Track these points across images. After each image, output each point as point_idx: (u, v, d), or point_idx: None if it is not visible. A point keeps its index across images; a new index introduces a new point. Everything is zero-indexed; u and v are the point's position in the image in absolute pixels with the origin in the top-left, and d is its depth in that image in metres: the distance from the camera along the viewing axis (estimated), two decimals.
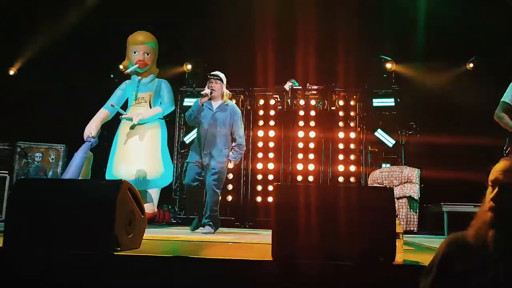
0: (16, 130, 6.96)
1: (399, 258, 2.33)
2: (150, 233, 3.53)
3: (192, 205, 5.24)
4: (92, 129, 5.70)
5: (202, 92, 5.07)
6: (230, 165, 5.36)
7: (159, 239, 3.51)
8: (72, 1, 7.37)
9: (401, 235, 2.39)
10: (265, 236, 4.48)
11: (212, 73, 5.22)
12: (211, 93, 5.04)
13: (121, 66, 6.53)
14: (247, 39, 7.37)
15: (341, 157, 7.20)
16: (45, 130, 7.00)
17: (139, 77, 6.03)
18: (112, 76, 7.48)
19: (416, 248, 3.43)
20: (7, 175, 6.52)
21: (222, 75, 5.23)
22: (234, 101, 7.50)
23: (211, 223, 4.82)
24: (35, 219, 2.21)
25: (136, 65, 5.99)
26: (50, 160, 6.84)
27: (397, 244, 2.29)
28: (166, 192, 6.51)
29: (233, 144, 5.13)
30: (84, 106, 6.37)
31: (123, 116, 5.76)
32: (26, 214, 2.22)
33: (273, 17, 7.10)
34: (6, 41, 7.23)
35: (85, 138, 5.67)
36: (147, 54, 6.08)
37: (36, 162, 6.77)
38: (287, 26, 7.22)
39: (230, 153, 5.07)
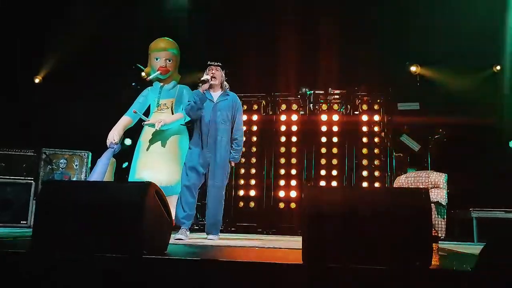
0: (41, 137, 7.07)
1: (435, 262, 2.24)
2: (172, 238, 3.50)
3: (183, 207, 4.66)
4: (115, 135, 5.73)
5: (202, 78, 4.73)
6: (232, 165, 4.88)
7: (183, 243, 3.47)
8: (96, 9, 7.48)
9: (436, 239, 2.30)
10: (291, 242, 4.41)
11: (213, 61, 4.93)
12: (211, 80, 4.74)
13: (143, 73, 6.57)
14: (268, 44, 7.36)
15: (365, 162, 7.07)
16: (69, 137, 7.09)
17: (161, 84, 6.05)
18: (134, 83, 7.54)
19: (449, 254, 3.32)
20: (32, 181, 6.61)
21: (222, 64, 4.96)
22: (256, 106, 7.49)
23: (217, 231, 4.63)
24: (63, 220, 2.19)
25: (158, 72, 6.01)
26: (74, 167, 6.91)
27: (433, 248, 2.19)
28: None
29: (233, 140, 4.75)
30: (107, 113, 6.42)
31: (145, 123, 5.78)
32: (54, 216, 2.21)
33: (295, 20, 7.07)
34: (32, 50, 7.38)
35: (108, 145, 5.70)
36: (169, 61, 6.09)
37: (60, 169, 6.85)
38: (309, 30, 7.19)
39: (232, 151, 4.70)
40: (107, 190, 2.30)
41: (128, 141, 6.04)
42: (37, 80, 7.98)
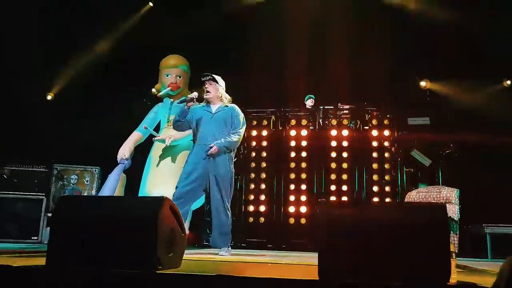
0: (53, 153, 7.12)
1: (453, 279, 2.20)
2: (186, 254, 3.48)
3: None
4: (125, 151, 5.78)
5: (188, 96, 4.83)
6: (212, 150, 4.58)
7: (197, 259, 3.45)
8: (107, 28, 7.60)
9: (454, 255, 2.26)
10: (302, 258, 4.37)
11: (204, 73, 4.86)
12: (194, 101, 4.76)
13: (153, 89, 6.63)
14: (278, 59, 7.40)
15: (375, 177, 7.03)
16: (80, 152, 7.13)
17: (171, 100, 6.11)
18: (144, 99, 7.60)
19: (465, 270, 3.26)
20: (44, 197, 6.64)
21: (217, 77, 4.89)
22: (265, 122, 7.50)
23: (225, 244, 4.54)
24: (78, 235, 2.19)
25: (169, 88, 6.08)
26: (85, 182, 6.94)
27: (451, 264, 2.16)
28: (197, 214, 6.48)
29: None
30: (117, 129, 6.47)
31: (155, 138, 5.82)
32: (69, 231, 2.21)
33: (304, 35, 7.12)
34: (45, 67, 7.48)
35: (118, 160, 5.73)
36: (179, 77, 6.18)
37: (71, 184, 6.89)
38: (318, 45, 7.22)
39: (222, 140, 4.61)
40: (121, 204, 2.30)
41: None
42: (49, 97, 8.08)
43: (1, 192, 6.59)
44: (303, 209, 7.02)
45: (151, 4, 8.50)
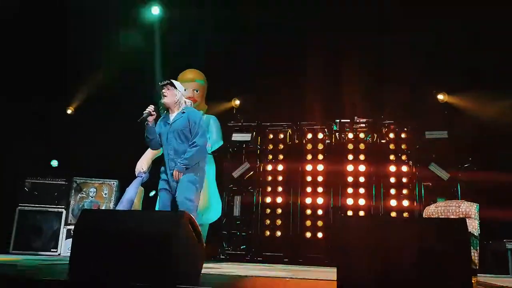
0: (72, 166, 7.24)
1: None
2: (204, 267, 3.48)
3: None
4: (143, 164, 5.83)
5: (145, 111, 4.30)
6: (175, 176, 4.21)
7: (214, 273, 3.46)
8: (127, 42, 7.73)
9: (475, 271, 2.24)
10: (319, 273, 4.34)
11: (164, 80, 4.46)
12: (152, 113, 4.27)
13: None
14: (294, 73, 7.42)
15: (393, 191, 6.97)
16: (99, 166, 7.23)
17: None
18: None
19: (486, 286, 3.20)
20: (64, 209, 6.74)
21: (177, 83, 4.51)
22: (282, 135, 7.50)
23: None
24: (99, 249, 2.23)
25: None
26: (103, 195, 7.03)
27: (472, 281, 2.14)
28: (214, 227, 6.49)
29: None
30: (135, 142, 6.55)
31: None
32: (90, 245, 2.25)
33: (321, 47, 7.13)
34: (65, 81, 7.63)
35: (136, 174, 5.79)
36: (196, 91, 6.25)
37: (90, 197, 6.99)
38: (335, 59, 7.23)
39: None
40: (142, 219, 2.34)
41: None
42: (69, 111, 8.23)
43: (22, 205, 6.71)
44: (320, 223, 6.99)
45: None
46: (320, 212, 7.05)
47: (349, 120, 7.32)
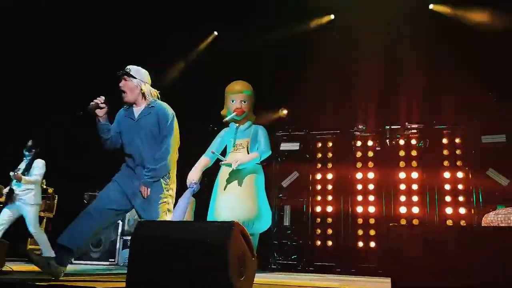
0: None
1: None
2: (256, 277, 3.51)
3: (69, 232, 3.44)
4: (194, 175, 5.95)
5: (92, 102, 3.56)
6: (144, 193, 3.54)
7: (266, 283, 3.47)
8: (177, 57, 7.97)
9: None
10: (373, 283, 4.25)
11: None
12: (99, 105, 3.52)
13: (222, 114, 6.83)
14: (341, 80, 7.36)
15: (448, 198, 6.72)
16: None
17: (237, 125, 6.26)
18: (210, 125, 7.84)
19: None
20: (120, 221, 7.00)
21: (136, 69, 3.72)
22: (330, 143, 7.42)
23: None
24: (155, 259, 2.30)
25: (234, 113, 6.23)
26: None
27: None
28: (264, 237, 6.51)
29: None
30: (185, 153, 6.70)
31: (222, 162, 5.96)
32: (147, 255, 2.33)
33: (371, 53, 7.03)
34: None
35: (188, 185, 5.92)
36: (244, 102, 6.32)
37: None
38: (385, 62, 7.10)
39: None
40: (195, 229, 2.40)
41: None
42: None
43: None
44: (372, 232, 6.85)
45: (215, 33, 8.83)
46: (372, 221, 6.91)
47: (400, 126, 7.16)
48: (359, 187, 7.10)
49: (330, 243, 7.04)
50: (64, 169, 7.24)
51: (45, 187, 6.94)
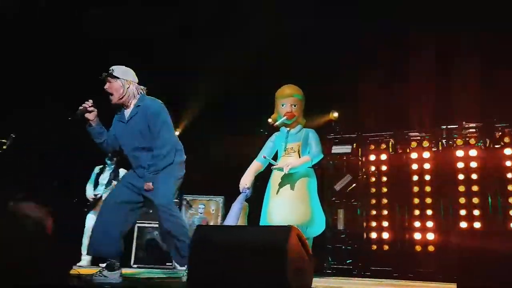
0: (182, 184, 7.68)
1: None
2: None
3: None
4: (247, 180, 6.01)
5: (80, 107, 3.56)
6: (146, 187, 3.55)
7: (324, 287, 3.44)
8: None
9: None
10: None
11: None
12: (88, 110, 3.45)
13: (270, 120, 6.87)
14: (394, 79, 7.20)
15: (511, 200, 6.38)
16: (206, 183, 7.60)
17: (288, 129, 6.26)
18: (261, 130, 7.88)
19: None
20: None
21: (120, 68, 3.64)
22: (384, 145, 7.25)
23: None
24: (214, 262, 2.36)
25: (285, 117, 6.24)
26: (211, 211, 7.40)
27: None
28: (318, 241, 6.46)
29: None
30: (237, 159, 6.78)
31: (274, 167, 5.98)
32: (206, 258, 2.39)
33: (422, 51, 6.84)
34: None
35: (241, 190, 5.99)
36: (294, 106, 6.31)
37: (199, 214, 7.39)
38: (441, 59, 6.88)
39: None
40: (253, 233, 2.43)
41: None
42: (177, 132, 8.80)
43: (140, 222, 7.28)
44: (430, 236, 6.62)
45: None
46: (430, 224, 6.68)
47: (457, 126, 6.89)
48: (416, 189, 6.88)
49: (386, 247, 6.87)
50: None
51: None
